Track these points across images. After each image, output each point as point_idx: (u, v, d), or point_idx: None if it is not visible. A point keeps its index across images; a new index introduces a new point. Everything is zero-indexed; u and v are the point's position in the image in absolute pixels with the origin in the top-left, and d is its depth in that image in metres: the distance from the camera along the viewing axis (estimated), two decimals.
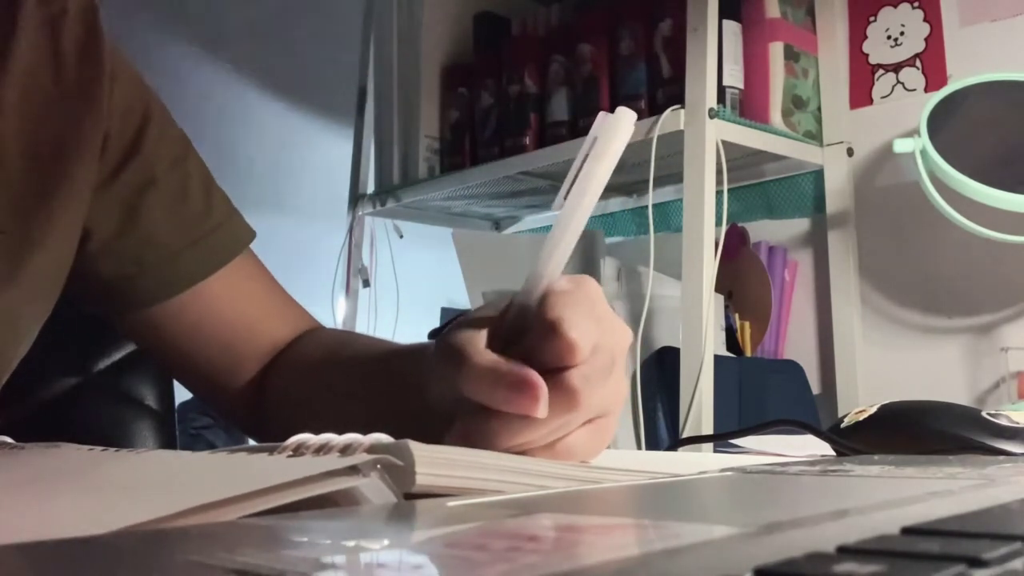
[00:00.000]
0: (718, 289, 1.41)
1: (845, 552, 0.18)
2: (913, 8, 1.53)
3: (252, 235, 0.70)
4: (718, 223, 1.40)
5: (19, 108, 0.58)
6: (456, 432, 0.42)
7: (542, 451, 0.42)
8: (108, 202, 0.63)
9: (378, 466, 0.29)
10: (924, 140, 1.30)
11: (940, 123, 1.32)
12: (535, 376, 0.39)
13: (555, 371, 0.40)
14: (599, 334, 0.41)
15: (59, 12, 0.61)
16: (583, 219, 0.41)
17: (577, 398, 0.40)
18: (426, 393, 0.47)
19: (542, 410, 0.39)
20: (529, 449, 0.42)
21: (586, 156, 0.40)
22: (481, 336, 0.43)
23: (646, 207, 1.46)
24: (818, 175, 1.60)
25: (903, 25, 1.54)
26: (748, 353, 1.59)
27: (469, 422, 0.41)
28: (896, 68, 1.54)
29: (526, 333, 0.42)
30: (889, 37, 1.55)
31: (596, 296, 0.43)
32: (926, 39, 1.52)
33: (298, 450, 0.35)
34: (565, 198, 0.40)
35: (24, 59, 0.59)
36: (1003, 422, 0.56)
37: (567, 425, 0.42)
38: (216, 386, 0.69)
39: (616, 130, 0.40)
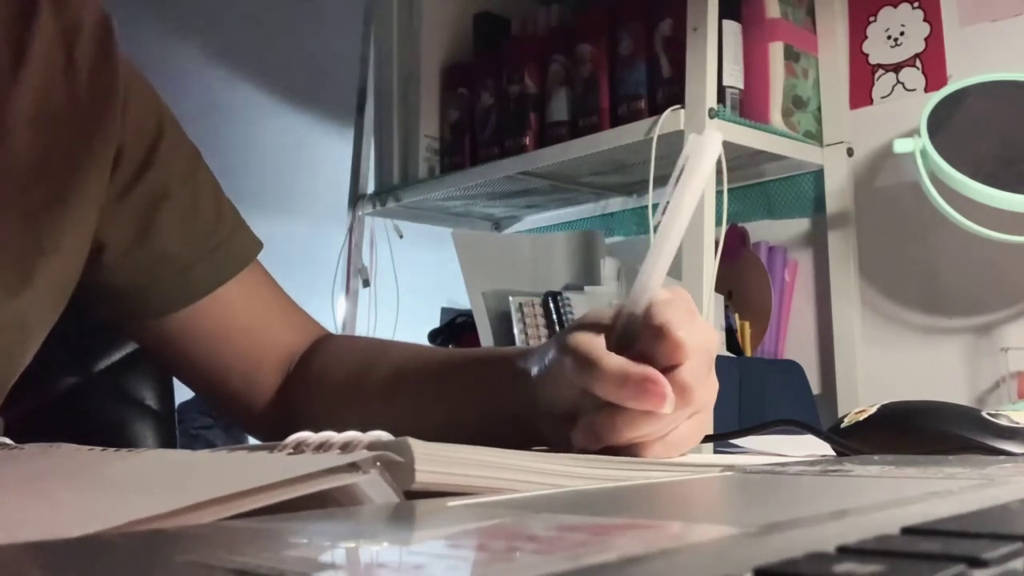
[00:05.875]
0: (718, 289, 1.41)
1: (845, 552, 0.18)
2: (913, 8, 1.53)
3: (260, 246, 0.71)
4: (718, 223, 1.40)
5: (32, 119, 0.58)
6: (583, 427, 0.47)
7: (657, 443, 0.47)
8: (122, 215, 0.64)
9: (378, 463, 0.29)
10: (924, 140, 1.30)
11: (940, 123, 1.32)
12: (661, 377, 0.44)
13: (667, 370, 0.45)
14: (699, 335, 0.46)
15: (74, 25, 0.61)
16: (680, 233, 0.45)
17: (690, 393, 0.45)
18: (532, 394, 0.51)
19: (668, 406, 0.44)
20: (646, 441, 0.46)
21: (679, 175, 0.44)
22: (602, 340, 0.47)
23: (646, 207, 1.46)
24: (818, 175, 1.60)
25: (903, 25, 1.54)
26: (748, 353, 1.58)
27: (595, 417, 0.46)
28: (896, 68, 1.54)
29: (635, 339, 0.47)
30: (889, 37, 1.55)
31: (691, 304, 0.48)
32: (926, 39, 1.51)
33: (298, 448, 0.35)
34: (663, 214, 0.44)
35: (38, 70, 0.59)
36: (1003, 422, 0.56)
37: (679, 419, 0.47)
38: (233, 393, 0.70)
39: (704, 150, 0.44)
